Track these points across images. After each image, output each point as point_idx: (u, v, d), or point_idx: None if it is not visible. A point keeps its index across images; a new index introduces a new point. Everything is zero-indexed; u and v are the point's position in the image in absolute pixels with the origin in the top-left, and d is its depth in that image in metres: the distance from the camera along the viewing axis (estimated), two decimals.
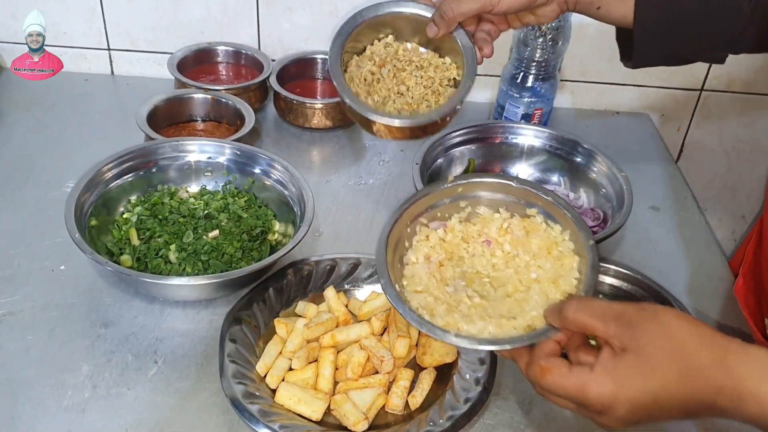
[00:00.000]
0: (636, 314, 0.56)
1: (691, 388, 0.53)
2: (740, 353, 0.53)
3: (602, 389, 0.54)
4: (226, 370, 0.73)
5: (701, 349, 0.53)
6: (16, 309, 0.84)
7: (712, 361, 0.53)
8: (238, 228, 0.92)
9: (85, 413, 0.73)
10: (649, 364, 0.54)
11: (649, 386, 0.53)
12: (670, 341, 0.54)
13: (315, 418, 0.71)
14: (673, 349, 0.53)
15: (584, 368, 0.56)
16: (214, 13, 1.26)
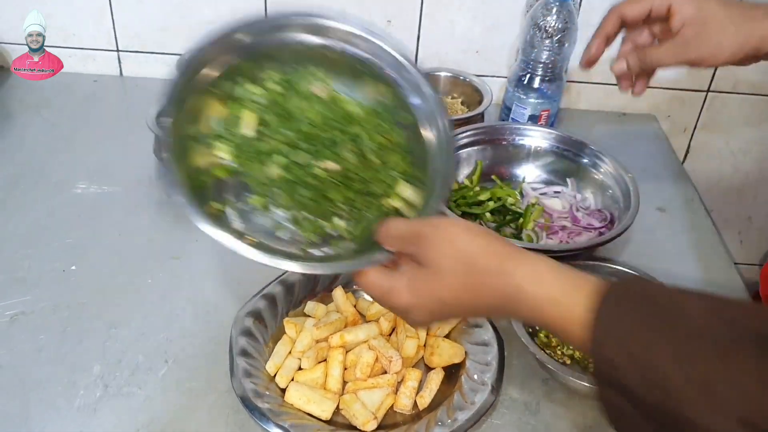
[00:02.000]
0: (430, 233, 0.61)
1: (478, 294, 0.58)
2: (517, 259, 0.58)
3: (401, 297, 0.61)
4: (236, 370, 0.73)
5: (484, 257, 0.58)
6: (28, 309, 0.84)
7: (493, 267, 0.58)
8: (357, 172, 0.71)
9: (96, 413, 0.74)
10: (437, 276, 0.59)
11: (439, 295, 0.60)
12: (457, 254, 0.59)
13: (324, 418, 0.72)
14: (458, 260, 0.59)
15: (393, 276, 0.63)
16: (223, 14, 1.26)
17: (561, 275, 0.55)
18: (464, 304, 0.60)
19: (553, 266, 0.56)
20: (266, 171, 0.70)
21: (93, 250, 0.93)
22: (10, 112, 1.21)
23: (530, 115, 1.17)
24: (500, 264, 0.58)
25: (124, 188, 1.05)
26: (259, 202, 0.70)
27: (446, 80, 1.28)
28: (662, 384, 0.45)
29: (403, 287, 0.61)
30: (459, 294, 0.59)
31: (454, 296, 0.59)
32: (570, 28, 1.11)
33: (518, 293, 0.56)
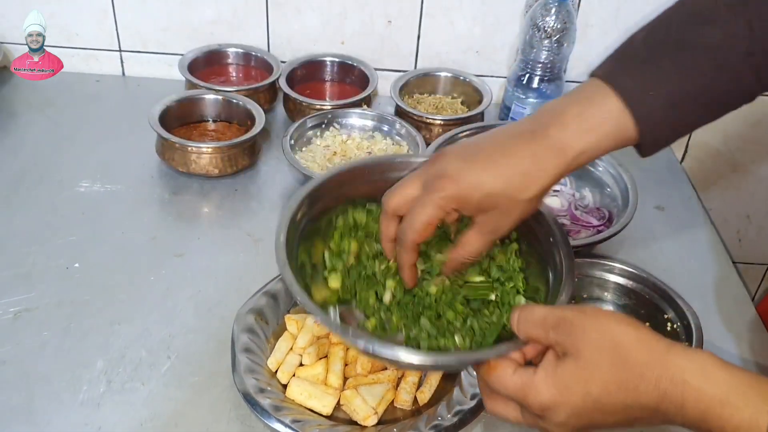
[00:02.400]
0: (576, 319, 0.56)
1: (633, 392, 0.52)
2: (679, 352, 0.53)
3: (542, 393, 0.55)
4: (238, 366, 0.74)
5: (641, 349, 0.53)
6: (32, 306, 0.85)
7: (652, 361, 0.52)
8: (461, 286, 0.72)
9: (100, 407, 0.74)
10: (589, 369, 0.53)
11: (589, 390, 0.53)
12: (609, 344, 0.54)
13: (325, 413, 0.73)
14: (612, 353, 0.53)
15: (528, 370, 0.57)
16: (224, 14, 1.28)
17: (733, 373, 0.51)
18: (616, 403, 0.53)
19: (720, 362, 0.52)
20: (378, 295, 0.71)
21: (96, 247, 0.94)
22: (13, 111, 1.22)
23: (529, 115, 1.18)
24: (661, 357, 0.52)
25: (126, 186, 1.06)
26: (373, 325, 0.69)
27: (446, 80, 1.29)
28: None
29: (543, 381, 0.55)
30: (612, 390, 0.53)
31: (606, 392, 0.53)
32: (569, 28, 1.12)
33: (683, 391, 0.50)
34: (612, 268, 0.89)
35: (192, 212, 1.04)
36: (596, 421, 0.55)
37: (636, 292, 0.88)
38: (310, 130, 1.13)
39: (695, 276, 0.98)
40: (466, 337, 0.68)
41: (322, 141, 1.13)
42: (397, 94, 1.20)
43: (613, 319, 0.56)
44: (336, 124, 1.15)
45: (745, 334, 0.90)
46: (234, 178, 1.09)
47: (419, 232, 0.64)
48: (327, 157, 1.09)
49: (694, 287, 0.95)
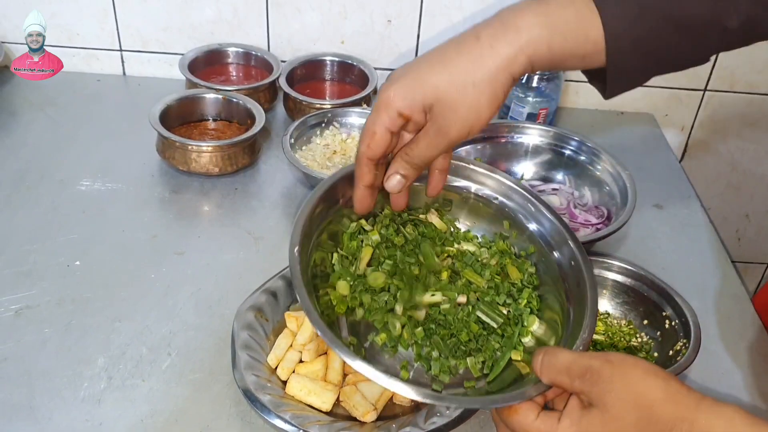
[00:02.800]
0: (603, 370, 0.55)
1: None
2: (707, 408, 0.52)
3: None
4: (238, 363, 0.74)
5: (669, 404, 0.53)
6: (33, 303, 0.86)
7: (679, 418, 0.52)
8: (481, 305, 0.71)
9: (101, 404, 0.75)
10: (615, 421, 0.53)
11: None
12: (636, 398, 0.53)
13: (325, 409, 0.73)
14: (638, 407, 0.53)
15: (552, 416, 0.57)
16: (224, 14, 1.28)
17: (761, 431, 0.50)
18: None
19: (749, 419, 0.51)
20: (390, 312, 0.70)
21: (97, 245, 0.95)
22: (15, 110, 1.22)
23: (529, 114, 1.18)
24: (689, 414, 0.52)
25: (127, 185, 1.06)
26: (383, 340, 0.69)
27: None
28: None
29: (567, 428, 0.55)
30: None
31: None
32: None
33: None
34: (610, 266, 0.89)
35: (192, 211, 1.04)
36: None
37: (634, 289, 0.88)
38: (310, 129, 1.14)
39: (694, 274, 0.99)
40: (478, 359, 0.68)
41: (322, 140, 1.13)
42: None
43: (641, 369, 0.55)
44: (336, 123, 1.15)
45: (744, 332, 0.90)
46: (234, 177, 1.09)
47: (367, 143, 0.63)
48: (327, 156, 1.10)
49: (693, 286, 0.95)
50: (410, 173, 0.67)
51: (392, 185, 0.68)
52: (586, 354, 0.57)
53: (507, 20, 0.60)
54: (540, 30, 0.59)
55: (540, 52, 0.60)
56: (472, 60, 0.60)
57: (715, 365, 0.85)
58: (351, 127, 1.16)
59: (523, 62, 0.60)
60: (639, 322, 0.87)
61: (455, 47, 0.62)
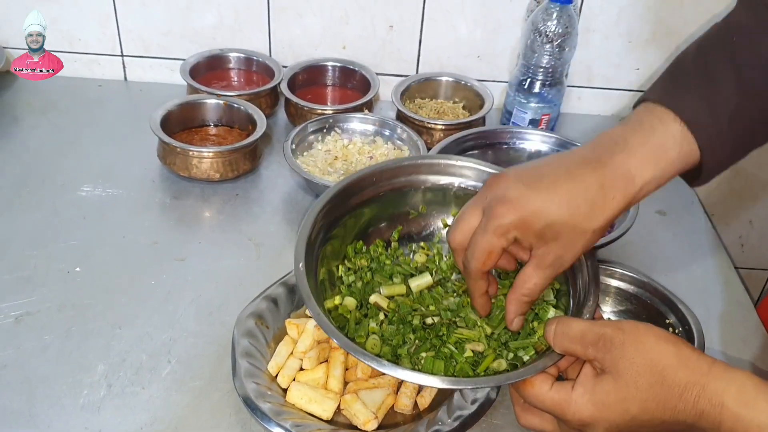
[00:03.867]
0: (615, 336, 0.56)
1: (671, 410, 0.53)
2: (719, 373, 0.53)
3: (580, 409, 0.56)
4: (239, 370, 0.74)
5: (682, 369, 0.54)
6: (33, 309, 0.85)
7: (691, 382, 0.53)
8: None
9: (100, 411, 0.74)
10: (628, 387, 0.54)
11: (627, 408, 0.54)
12: (648, 363, 0.54)
13: (325, 417, 0.73)
14: (651, 372, 0.54)
15: (566, 385, 0.58)
16: (225, 19, 1.28)
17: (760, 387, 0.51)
18: (654, 421, 0.54)
19: (760, 384, 0.52)
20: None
21: (97, 251, 0.94)
22: (16, 115, 1.22)
23: (531, 119, 1.18)
24: (700, 378, 0.53)
25: (128, 191, 1.06)
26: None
27: (448, 85, 1.29)
28: None
29: (582, 397, 0.56)
30: (650, 408, 0.54)
31: (644, 411, 0.54)
32: (570, 32, 1.12)
33: (721, 413, 0.51)
34: (613, 272, 0.89)
35: (193, 216, 1.04)
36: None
37: (637, 296, 0.88)
38: (311, 134, 1.13)
39: (697, 281, 0.98)
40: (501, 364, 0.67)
41: (323, 146, 1.13)
42: (398, 98, 1.20)
43: (653, 336, 0.56)
44: (337, 128, 1.15)
45: (747, 339, 0.90)
46: (235, 183, 1.09)
47: (482, 261, 0.63)
48: (328, 162, 1.09)
49: (696, 292, 0.95)
50: (527, 308, 0.66)
51: (517, 326, 0.67)
52: (598, 322, 0.58)
53: (619, 167, 0.61)
54: (652, 173, 0.61)
55: (648, 189, 0.62)
56: (594, 208, 0.61)
57: None
58: (352, 132, 1.16)
59: (635, 201, 0.63)
60: None
61: (576, 187, 0.61)
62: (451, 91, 1.29)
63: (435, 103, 1.27)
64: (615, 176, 0.60)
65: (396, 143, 1.14)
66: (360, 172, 0.77)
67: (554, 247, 0.61)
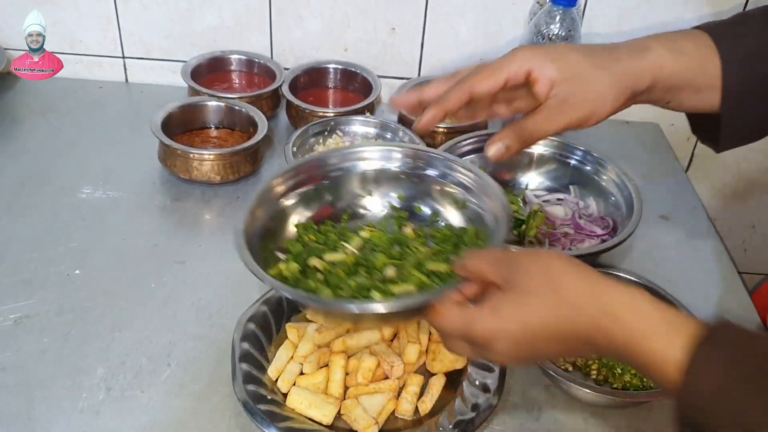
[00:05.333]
0: (521, 257, 0.59)
1: (569, 324, 0.55)
2: (613, 286, 0.55)
3: (484, 324, 0.57)
4: (238, 374, 0.73)
5: (578, 285, 0.55)
6: (33, 312, 0.85)
7: (588, 292, 0.55)
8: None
9: (99, 415, 0.74)
10: (528, 301, 0.56)
11: (526, 320, 0.56)
12: (548, 278, 0.56)
13: (326, 422, 0.72)
14: (550, 286, 0.56)
15: (472, 307, 0.60)
16: (227, 21, 1.28)
17: (659, 308, 0.52)
18: (553, 333, 0.55)
19: (650, 299, 0.53)
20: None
21: (97, 254, 0.94)
22: (16, 117, 1.22)
23: None
24: (595, 290, 0.55)
25: (128, 193, 1.05)
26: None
27: None
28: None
29: (483, 313, 0.58)
30: (549, 321, 0.55)
31: (543, 323, 0.55)
32: (573, 35, 1.11)
33: (612, 322, 0.53)
34: (616, 277, 0.88)
35: (193, 219, 1.04)
36: (536, 350, 0.57)
37: None
38: (312, 137, 1.13)
39: (700, 286, 0.98)
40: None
41: (324, 148, 1.13)
42: None
43: (555, 256, 0.59)
44: (339, 131, 1.15)
45: None
46: (236, 185, 1.08)
47: (481, 79, 0.69)
48: None
49: (699, 297, 0.94)
50: (514, 145, 0.69)
51: (493, 152, 0.70)
52: (506, 250, 0.62)
53: (638, 41, 0.69)
54: (665, 52, 0.67)
55: (663, 73, 0.67)
56: (611, 57, 0.68)
57: None
58: (354, 135, 1.15)
59: (647, 80, 0.68)
60: None
61: (593, 46, 0.70)
62: None
63: None
64: (629, 44, 0.68)
65: None
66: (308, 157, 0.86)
67: (569, 87, 0.67)
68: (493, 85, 0.69)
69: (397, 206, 0.84)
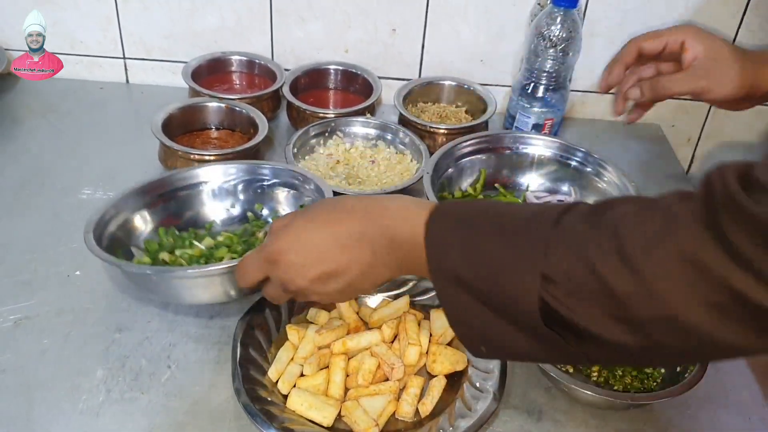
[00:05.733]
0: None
1: (345, 212, 0.63)
2: (390, 199, 0.64)
3: (272, 242, 0.64)
4: (239, 376, 0.73)
5: (353, 199, 0.65)
6: (32, 313, 0.85)
7: (358, 198, 0.65)
8: None
9: (99, 417, 0.74)
10: (310, 213, 0.64)
11: (306, 216, 0.64)
12: (331, 202, 0.68)
13: (326, 424, 0.72)
14: (326, 202, 0.67)
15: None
16: (228, 22, 1.28)
17: (415, 200, 0.63)
18: (330, 228, 0.62)
19: (415, 199, 0.63)
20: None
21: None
22: (17, 117, 1.22)
23: (534, 124, 1.17)
24: (364, 197, 0.67)
25: None
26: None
27: (451, 89, 1.28)
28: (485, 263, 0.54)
29: (273, 236, 0.64)
30: (323, 216, 0.63)
31: (312, 222, 0.63)
32: (574, 37, 1.11)
33: (382, 211, 0.62)
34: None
35: None
36: (326, 260, 0.62)
37: None
38: (313, 138, 1.13)
39: None
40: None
41: (325, 149, 1.13)
42: (400, 102, 1.20)
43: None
44: (339, 132, 1.15)
45: None
46: None
47: (649, 39, 0.90)
48: (330, 166, 1.09)
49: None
50: (648, 93, 0.91)
51: (633, 94, 0.93)
52: None
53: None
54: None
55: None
56: (747, 57, 0.87)
57: (722, 381, 0.84)
58: (354, 136, 1.15)
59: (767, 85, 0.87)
60: None
61: (738, 46, 0.88)
62: (453, 95, 1.28)
63: (437, 107, 1.27)
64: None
65: (398, 147, 1.14)
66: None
67: (709, 62, 0.87)
68: (657, 45, 0.90)
69: (254, 216, 0.96)
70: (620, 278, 0.48)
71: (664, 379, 0.81)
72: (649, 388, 0.79)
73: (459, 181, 1.07)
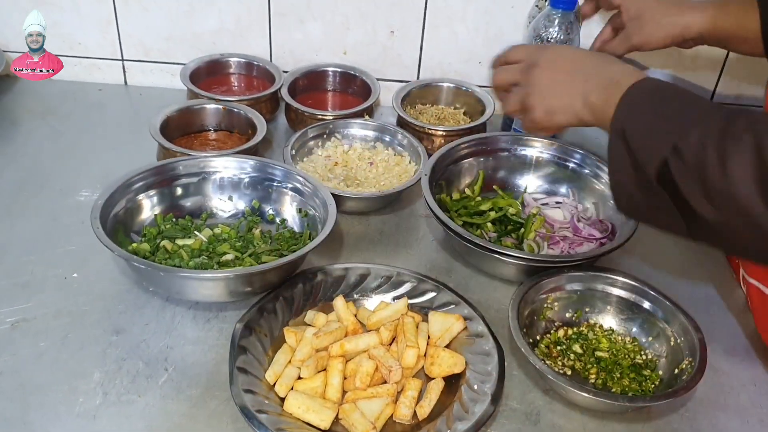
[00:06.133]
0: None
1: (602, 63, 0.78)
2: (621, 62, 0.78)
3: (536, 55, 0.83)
4: (236, 378, 0.73)
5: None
6: (30, 316, 0.85)
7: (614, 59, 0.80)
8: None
9: (96, 419, 0.74)
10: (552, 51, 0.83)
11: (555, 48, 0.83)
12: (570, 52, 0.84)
13: (323, 427, 0.72)
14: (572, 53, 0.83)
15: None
16: (226, 24, 1.28)
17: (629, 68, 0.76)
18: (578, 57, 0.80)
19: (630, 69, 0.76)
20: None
21: (95, 257, 0.94)
22: (16, 119, 1.22)
23: None
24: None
25: None
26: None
27: (449, 90, 1.28)
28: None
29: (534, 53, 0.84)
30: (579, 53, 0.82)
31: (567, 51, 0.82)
32: (572, 39, 1.11)
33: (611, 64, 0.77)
34: (615, 281, 0.88)
35: None
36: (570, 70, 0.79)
37: (639, 305, 0.87)
38: (311, 140, 1.13)
39: (699, 290, 0.97)
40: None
41: (323, 151, 1.13)
42: (399, 104, 1.20)
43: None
44: (338, 134, 1.15)
45: (749, 348, 0.89)
46: None
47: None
48: (328, 168, 1.09)
49: (698, 301, 0.94)
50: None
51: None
52: None
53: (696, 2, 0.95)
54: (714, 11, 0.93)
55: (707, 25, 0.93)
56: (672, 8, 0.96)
57: (721, 382, 0.84)
58: (353, 138, 1.15)
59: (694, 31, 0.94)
60: (644, 338, 0.86)
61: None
62: (452, 97, 1.28)
63: (436, 109, 1.27)
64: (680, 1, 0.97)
65: (396, 149, 1.14)
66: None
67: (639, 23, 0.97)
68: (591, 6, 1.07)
69: (251, 211, 0.99)
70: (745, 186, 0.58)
71: (663, 381, 0.81)
72: (647, 391, 0.79)
73: (457, 182, 1.07)
